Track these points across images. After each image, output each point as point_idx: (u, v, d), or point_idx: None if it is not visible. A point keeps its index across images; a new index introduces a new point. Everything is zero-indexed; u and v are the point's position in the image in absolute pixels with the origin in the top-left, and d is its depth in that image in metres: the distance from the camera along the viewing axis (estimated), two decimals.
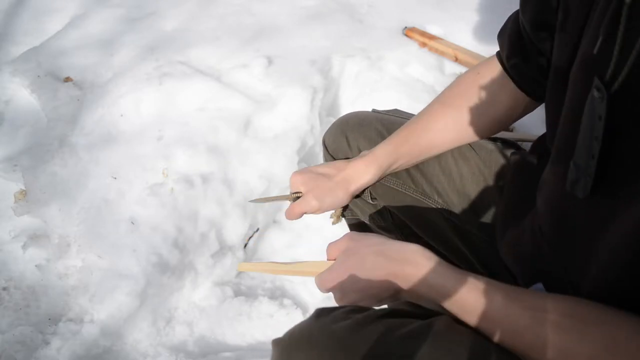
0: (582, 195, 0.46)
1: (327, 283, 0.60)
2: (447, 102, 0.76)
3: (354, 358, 0.46)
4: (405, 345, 0.47)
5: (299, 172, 0.79)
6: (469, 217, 0.79)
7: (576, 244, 0.51)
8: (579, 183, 0.46)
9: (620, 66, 0.41)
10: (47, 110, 1.59)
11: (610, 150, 0.43)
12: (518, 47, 0.65)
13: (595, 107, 0.43)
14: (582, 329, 0.43)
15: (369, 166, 0.77)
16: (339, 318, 0.51)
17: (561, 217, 0.53)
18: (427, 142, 0.76)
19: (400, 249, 0.57)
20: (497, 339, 0.48)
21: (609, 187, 0.44)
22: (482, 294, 0.50)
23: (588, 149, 0.44)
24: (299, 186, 0.78)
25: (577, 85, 0.49)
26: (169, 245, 1.22)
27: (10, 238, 1.32)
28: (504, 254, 0.69)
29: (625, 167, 0.43)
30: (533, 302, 0.48)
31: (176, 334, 1.19)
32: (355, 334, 0.48)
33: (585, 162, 0.45)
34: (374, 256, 0.57)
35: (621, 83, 0.41)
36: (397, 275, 0.55)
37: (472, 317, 0.50)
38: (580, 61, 0.48)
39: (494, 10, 1.70)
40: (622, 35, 0.40)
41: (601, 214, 0.46)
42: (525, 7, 0.61)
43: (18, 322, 1.15)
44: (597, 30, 0.44)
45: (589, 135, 0.44)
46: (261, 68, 1.55)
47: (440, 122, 0.75)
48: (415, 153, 0.77)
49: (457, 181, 0.80)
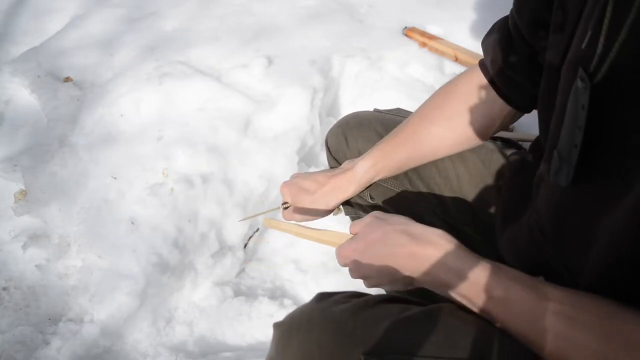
0: (564, 184, 0.46)
1: (347, 252, 0.61)
2: (426, 115, 0.76)
3: (354, 340, 0.47)
4: (406, 329, 0.48)
5: (287, 183, 0.81)
6: (465, 218, 0.80)
7: (570, 235, 0.51)
8: (561, 172, 0.47)
9: (604, 57, 0.41)
10: (47, 110, 1.59)
11: (593, 140, 0.43)
12: (508, 52, 0.65)
13: (579, 97, 0.43)
14: (581, 318, 0.44)
15: (349, 183, 0.78)
16: (339, 302, 0.52)
17: (554, 209, 0.54)
18: (405, 156, 0.77)
19: (424, 230, 0.57)
20: (504, 324, 0.49)
21: (592, 176, 0.45)
22: (496, 278, 0.50)
23: (571, 138, 0.44)
24: (287, 197, 0.81)
25: (566, 80, 0.49)
26: (169, 245, 1.22)
27: (10, 238, 1.32)
28: (503, 252, 0.69)
29: (608, 155, 0.43)
30: (545, 290, 0.48)
31: (176, 334, 1.19)
32: (355, 316, 0.49)
33: (567, 151, 0.45)
34: (398, 234, 0.57)
35: (604, 74, 0.42)
36: (417, 254, 0.55)
37: (482, 300, 0.50)
38: (570, 56, 0.49)
39: (494, 10, 1.70)
40: (607, 27, 0.41)
41: (588, 203, 0.46)
42: (522, 6, 0.61)
43: (18, 322, 1.15)
44: (587, 25, 0.44)
45: (572, 124, 0.44)
46: (261, 68, 1.55)
47: (417, 136, 0.76)
48: (394, 167, 0.78)
49: (454, 182, 0.80)
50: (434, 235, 0.56)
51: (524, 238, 0.62)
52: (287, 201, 0.81)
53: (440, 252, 0.54)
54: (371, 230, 0.60)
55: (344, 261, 0.62)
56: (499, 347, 0.47)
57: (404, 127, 0.77)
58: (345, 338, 0.47)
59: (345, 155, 0.87)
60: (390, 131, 0.81)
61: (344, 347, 0.47)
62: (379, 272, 0.58)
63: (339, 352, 0.48)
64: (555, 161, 0.48)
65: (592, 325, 0.43)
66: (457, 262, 0.53)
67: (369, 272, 0.59)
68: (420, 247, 0.55)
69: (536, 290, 0.48)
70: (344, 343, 0.47)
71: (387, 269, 0.57)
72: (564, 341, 0.44)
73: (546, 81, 0.57)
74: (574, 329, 0.44)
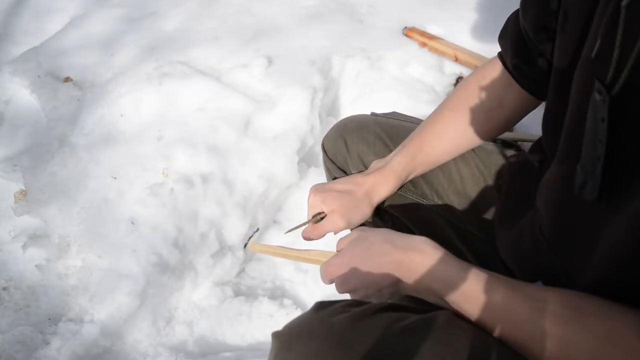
0: (590, 199, 0.45)
1: (332, 268, 0.61)
2: (455, 108, 0.76)
3: (352, 350, 0.47)
4: (404, 338, 0.47)
5: (317, 191, 0.76)
6: (468, 218, 0.80)
7: (576, 244, 0.51)
8: (586, 186, 0.46)
9: (620, 68, 0.41)
10: (47, 110, 1.59)
11: (614, 152, 0.43)
12: (520, 48, 0.65)
13: (598, 110, 0.43)
14: (582, 320, 0.44)
15: (389, 178, 0.77)
16: (338, 311, 0.52)
17: (563, 218, 0.54)
18: (441, 150, 0.77)
19: (407, 238, 0.58)
20: (498, 332, 0.49)
21: (615, 189, 0.44)
22: (485, 285, 0.50)
23: (593, 152, 0.44)
24: (320, 206, 0.76)
25: (579, 88, 0.49)
26: (169, 245, 1.22)
27: (10, 238, 1.32)
28: (503, 253, 0.69)
29: (629, 167, 0.43)
30: (534, 294, 0.48)
31: (176, 334, 1.20)
32: (354, 326, 0.49)
33: (591, 165, 0.45)
34: (381, 243, 0.58)
35: (622, 85, 0.41)
36: (401, 262, 0.56)
37: (474, 308, 0.50)
38: (582, 64, 0.48)
39: (494, 10, 1.70)
40: (621, 37, 0.40)
41: (604, 215, 0.46)
42: (527, 9, 0.61)
43: (18, 322, 1.15)
44: (596, 33, 0.44)
45: (593, 138, 0.44)
46: (261, 68, 1.55)
47: (450, 129, 0.76)
48: (430, 161, 0.78)
49: (457, 182, 0.80)
50: (416, 242, 0.57)
51: (523, 241, 0.62)
52: (322, 211, 0.76)
53: (424, 258, 0.55)
54: (355, 244, 0.61)
55: (329, 277, 0.62)
56: (498, 353, 0.47)
57: (435, 123, 0.77)
58: (344, 348, 0.47)
59: (345, 159, 0.86)
60: (391, 134, 0.81)
61: (343, 357, 0.47)
62: (365, 283, 0.58)
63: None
64: (578, 176, 0.47)
65: (593, 327, 0.43)
66: (442, 268, 0.53)
67: (356, 285, 0.59)
68: (404, 254, 0.56)
69: (524, 294, 0.48)
70: (343, 353, 0.47)
71: (373, 278, 0.57)
72: (565, 345, 0.44)
73: (553, 83, 0.57)
74: (575, 332, 0.44)
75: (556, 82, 0.56)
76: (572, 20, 0.51)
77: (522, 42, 0.64)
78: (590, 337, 0.42)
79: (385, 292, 0.58)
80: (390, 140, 0.83)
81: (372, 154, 0.83)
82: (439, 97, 1.56)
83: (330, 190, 0.76)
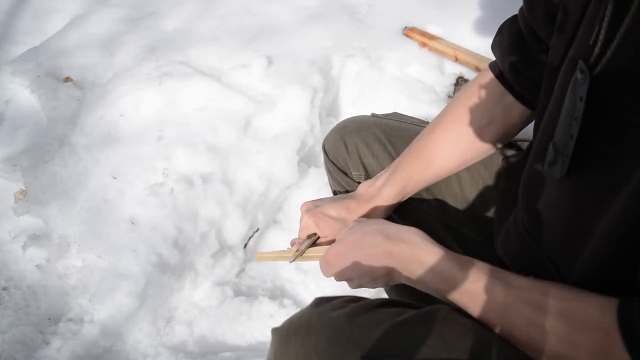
0: (559, 175, 0.47)
1: (330, 257, 0.63)
2: (445, 128, 0.75)
3: (351, 345, 0.47)
4: (403, 332, 0.48)
5: (310, 213, 0.77)
6: (466, 220, 0.80)
7: (560, 231, 0.51)
8: (556, 163, 0.47)
9: (604, 49, 0.42)
10: (47, 110, 1.59)
11: (589, 131, 0.43)
12: (520, 48, 0.65)
13: (578, 89, 0.44)
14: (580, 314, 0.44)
15: (379, 210, 0.77)
16: (337, 306, 0.52)
17: (535, 202, 0.54)
18: (432, 176, 0.76)
19: (398, 229, 0.60)
20: (484, 318, 0.50)
21: (586, 166, 0.45)
22: (473, 274, 0.52)
23: (567, 130, 0.45)
24: (313, 228, 0.77)
25: (564, 75, 0.49)
26: (169, 245, 1.22)
27: (10, 238, 1.32)
28: (498, 252, 0.69)
29: (604, 147, 0.43)
30: (530, 285, 0.49)
31: (176, 334, 1.20)
32: (352, 321, 0.49)
33: (563, 142, 0.46)
34: (373, 235, 0.60)
35: (604, 65, 0.42)
36: (392, 252, 0.57)
37: (463, 297, 0.51)
38: (571, 55, 0.49)
39: (494, 10, 1.70)
40: (608, 19, 0.41)
41: (577, 193, 0.46)
42: (532, 3, 0.61)
43: (18, 322, 1.15)
44: (594, 23, 0.45)
45: (569, 116, 0.45)
46: (261, 68, 1.55)
47: (440, 153, 0.74)
48: (422, 186, 0.78)
49: (455, 185, 0.80)
50: (407, 233, 0.59)
51: (511, 238, 0.62)
52: (315, 232, 0.77)
53: (412, 248, 0.57)
54: (350, 233, 0.63)
55: (328, 265, 0.64)
56: (498, 348, 0.47)
57: (426, 147, 0.75)
58: (342, 343, 0.48)
59: (345, 160, 0.86)
60: (390, 136, 0.81)
61: (342, 351, 0.48)
62: (359, 273, 0.60)
63: (336, 357, 0.48)
64: (550, 153, 0.48)
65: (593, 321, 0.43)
66: (428, 257, 0.55)
67: (351, 274, 0.62)
68: (394, 245, 0.58)
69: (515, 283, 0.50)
70: (342, 348, 0.48)
71: (366, 269, 0.59)
72: (566, 344, 0.44)
73: (545, 79, 0.57)
74: (573, 327, 0.44)
75: (547, 79, 0.56)
76: (571, 17, 0.51)
77: (521, 42, 0.64)
78: (592, 330, 0.42)
79: (379, 282, 0.60)
80: (389, 142, 0.83)
81: (371, 155, 0.83)
82: (439, 97, 1.56)
83: (323, 215, 0.76)
